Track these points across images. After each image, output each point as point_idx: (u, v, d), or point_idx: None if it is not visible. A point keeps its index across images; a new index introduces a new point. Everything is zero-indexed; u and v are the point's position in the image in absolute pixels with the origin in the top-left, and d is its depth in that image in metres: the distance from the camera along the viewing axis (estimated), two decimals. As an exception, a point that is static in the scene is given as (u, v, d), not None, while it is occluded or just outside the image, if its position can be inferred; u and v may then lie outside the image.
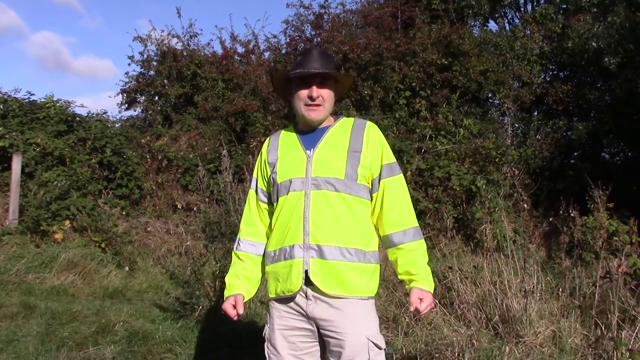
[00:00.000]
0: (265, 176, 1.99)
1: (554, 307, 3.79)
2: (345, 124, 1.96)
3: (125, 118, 11.05)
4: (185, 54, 10.67)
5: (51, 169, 7.31)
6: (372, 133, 1.92)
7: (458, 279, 4.24)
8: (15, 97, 8.52)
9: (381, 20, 9.56)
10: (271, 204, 1.98)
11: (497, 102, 9.84)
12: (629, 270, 3.77)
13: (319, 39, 10.00)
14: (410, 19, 9.86)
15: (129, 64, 15.52)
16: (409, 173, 7.03)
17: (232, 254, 2.05)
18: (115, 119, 10.59)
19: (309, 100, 1.88)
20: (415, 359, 3.40)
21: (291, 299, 1.85)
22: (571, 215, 4.90)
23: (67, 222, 6.31)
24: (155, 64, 10.78)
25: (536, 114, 9.95)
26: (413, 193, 6.62)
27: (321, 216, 1.81)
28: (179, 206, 7.96)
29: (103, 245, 6.10)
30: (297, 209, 1.83)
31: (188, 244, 5.93)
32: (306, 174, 1.84)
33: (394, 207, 1.89)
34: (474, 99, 9.42)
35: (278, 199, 1.90)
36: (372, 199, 1.91)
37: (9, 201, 6.58)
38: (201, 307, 4.34)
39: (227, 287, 1.97)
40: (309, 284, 1.81)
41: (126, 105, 11.24)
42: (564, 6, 10.13)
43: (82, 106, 11.93)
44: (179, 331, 4.12)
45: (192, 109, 10.24)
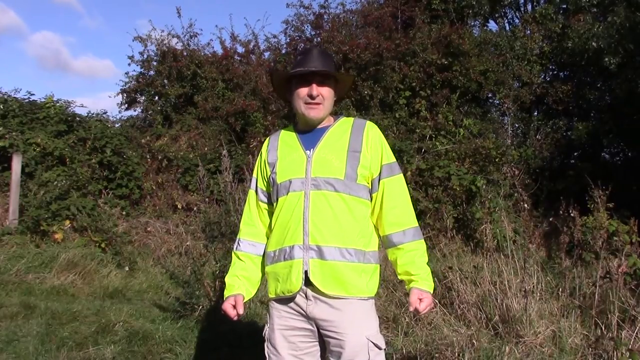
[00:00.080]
0: (265, 176, 1.99)
1: (554, 307, 3.79)
2: (344, 123, 1.96)
3: (125, 118, 11.08)
4: (185, 54, 10.67)
5: (51, 169, 7.32)
6: (372, 133, 1.92)
7: (458, 279, 4.24)
8: (15, 97, 8.52)
9: (381, 20, 9.56)
10: (271, 204, 1.98)
11: (497, 102, 9.84)
12: (629, 270, 3.77)
13: (319, 39, 10.00)
14: (410, 19, 9.86)
15: (129, 64, 15.54)
16: (409, 173, 7.03)
17: (232, 254, 2.05)
18: (115, 119, 10.62)
19: (308, 99, 1.88)
20: (415, 359, 3.40)
21: (291, 299, 1.85)
22: (571, 215, 4.90)
23: (67, 222, 6.32)
24: (155, 64, 10.78)
25: (536, 114, 9.94)
26: (413, 193, 6.62)
27: (321, 217, 1.80)
28: (179, 206, 7.96)
29: (103, 245, 6.11)
30: (297, 209, 1.83)
31: (188, 244, 5.93)
32: (306, 174, 1.84)
33: (393, 207, 1.89)
34: (474, 99, 9.42)
35: (278, 199, 1.90)
36: (371, 199, 1.91)
37: (9, 201, 6.58)
38: (201, 307, 4.34)
39: (227, 287, 1.97)
40: (308, 284, 1.80)
41: (126, 105, 11.25)
42: (564, 6, 10.12)
43: (82, 106, 11.97)
44: (179, 331, 4.12)
45: (192, 109, 10.24)
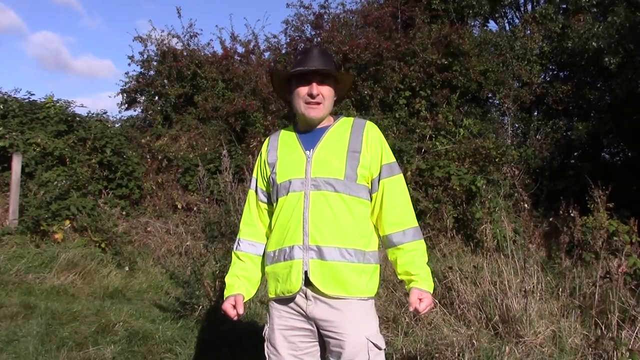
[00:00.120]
0: (265, 176, 1.99)
1: (554, 307, 3.79)
2: (344, 123, 1.96)
3: (125, 118, 11.08)
4: (186, 54, 10.67)
5: (51, 169, 7.32)
6: (372, 133, 1.91)
7: (458, 279, 4.23)
8: (15, 97, 8.52)
9: (381, 20, 9.56)
10: (271, 204, 1.97)
11: (497, 102, 9.84)
12: (629, 270, 3.77)
13: (319, 39, 10.00)
14: (410, 19, 9.86)
15: (129, 64, 15.56)
16: (409, 173, 7.03)
17: (232, 254, 2.05)
18: (115, 119, 10.62)
19: (308, 98, 1.88)
20: (415, 359, 3.40)
21: (291, 299, 1.85)
22: (571, 215, 4.89)
23: (67, 222, 6.32)
24: (155, 64, 10.78)
25: (536, 114, 9.94)
26: (413, 193, 6.62)
27: (320, 217, 1.80)
28: (179, 206, 7.96)
29: (103, 245, 6.11)
30: (297, 209, 1.82)
31: (188, 244, 5.93)
32: (306, 175, 1.84)
33: (393, 207, 1.88)
34: (474, 99, 9.42)
35: (278, 200, 1.90)
36: (371, 199, 1.91)
37: (9, 201, 6.58)
38: (201, 307, 4.34)
39: (227, 287, 1.97)
40: (308, 284, 1.80)
41: (126, 105, 11.25)
42: (564, 6, 10.12)
43: (82, 106, 11.95)
44: (179, 331, 4.12)
45: (192, 109, 10.24)
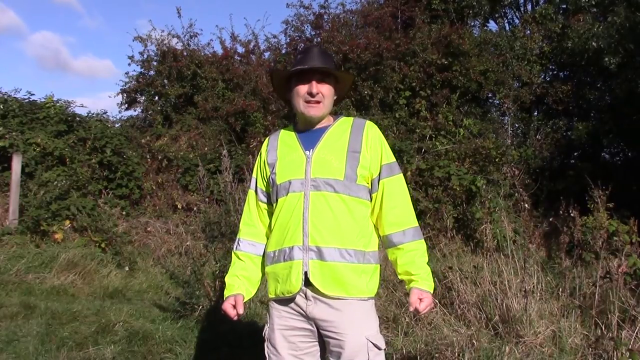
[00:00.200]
0: (265, 177, 1.99)
1: (554, 307, 3.79)
2: (344, 123, 1.95)
3: (125, 118, 11.08)
4: (186, 54, 10.67)
5: (51, 169, 7.32)
6: (372, 133, 1.91)
7: (458, 279, 4.23)
8: (15, 97, 8.53)
9: (381, 20, 9.56)
10: (271, 204, 1.97)
11: (497, 102, 9.84)
12: (629, 270, 3.77)
13: (319, 39, 10.00)
14: (410, 19, 9.86)
15: (129, 64, 15.56)
16: (409, 173, 7.03)
17: (232, 254, 2.05)
18: (115, 119, 10.62)
19: (308, 97, 1.87)
20: (415, 359, 3.40)
21: (291, 299, 1.85)
22: (571, 215, 4.89)
23: (67, 222, 6.32)
24: (155, 64, 10.78)
25: (536, 114, 9.94)
26: (413, 193, 6.62)
27: (320, 218, 1.80)
28: (179, 206, 7.96)
29: (103, 245, 6.11)
30: (297, 210, 1.82)
31: (188, 244, 5.93)
32: (305, 175, 1.84)
33: (393, 207, 1.88)
34: (474, 99, 9.42)
35: (277, 200, 1.89)
36: (371, 199, 1.90)
37: (9, 201, 6.58)
38: (201, 307, 4.34)
39: (227, 287, 1.97)
40: (308, 284, 1.80)
41: (126, 105, 11.25)
42: (563, 6, 10.12)
43: (82, 106, 11.94)
44: (179, 331, 4.11)
45: (192, 109, 10.24)
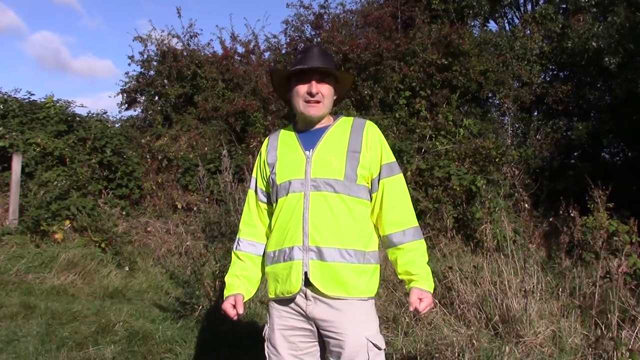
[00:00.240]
0: (265, 177, 1.98)
1: (554, 307, 3.79)
2: (344, 123, 1.95)
3: (125, 118, 11.08)
4: (186, 54, 10.67)
5: (51, 169, 7.32)
6: (372, 133, 1.91)
7: (458, 279, 4.23)
8: (15, 97, 8.53)
9: (381, 20, 9.56)
10: (271, 204, 1.97)
11: (497, 102, 9.84)
12: (629, 270, 3.77)
13: (319, 39, 10.00)
14: (410, 19, 9.86)
15: (129, 64, 15.56)
16: (409, 173, 7.03)
17: (232, 253, 2.05)
18: (115, 119, 10.62)
19: (308, 97, 1.87)
20: (415, 359, 3.40)
21: (291, 299, 1.85)
22: (571, 215, 4.89)
23: (67, 222, 6.32)
24: (155, 64, 10.79)
25: (536, 114, 9.95)
26: (413, 193, 6.62)
27: (320, 218, 1.80)
28: (179, 206, 7.97)
29: (103, 245, 6.11)
30: (297, 210, 1.82)
31: (188, 244, 5.92)
32: (305, 175, 1.83)
33: (393, 207, 1.88)
34: (474, 99, 9.42)
35: (277, 200, 1.89)
36: (371, 198, 1.90)
37: (9, 201, 6.58)
38: (201, 307, 4.34)
39: (226, 287, 1.97)
40: (308, 284, 1.80)
41: (126, 105, 11.25)
42: (563, 6, 10.12)
43: (82, 106, 11.94)
44: (179, 331, 4.11)
45: (192, 109, 10.24)
